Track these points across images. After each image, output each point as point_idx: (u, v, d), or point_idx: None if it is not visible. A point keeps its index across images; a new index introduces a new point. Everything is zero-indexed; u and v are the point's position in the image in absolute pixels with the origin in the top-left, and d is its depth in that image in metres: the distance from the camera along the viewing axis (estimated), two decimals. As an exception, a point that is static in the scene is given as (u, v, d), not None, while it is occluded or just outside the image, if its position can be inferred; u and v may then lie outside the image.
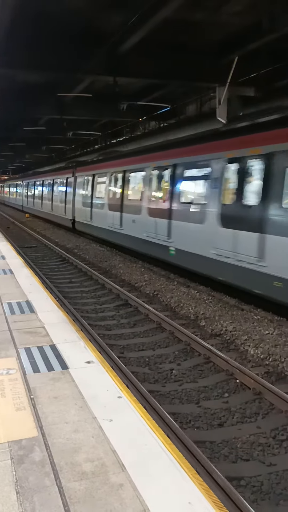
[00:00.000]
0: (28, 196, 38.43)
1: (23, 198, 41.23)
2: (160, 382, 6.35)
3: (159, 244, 12.91)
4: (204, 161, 11.08)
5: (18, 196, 45.57)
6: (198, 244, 10.80)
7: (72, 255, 16.41)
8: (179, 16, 10.02)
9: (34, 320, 5.87)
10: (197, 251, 10.80)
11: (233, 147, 9.82)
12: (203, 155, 11.26)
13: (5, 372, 4.19)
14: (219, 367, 6.69)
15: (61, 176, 26.43)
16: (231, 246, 9.39)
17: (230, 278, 9.81)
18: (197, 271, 11.22)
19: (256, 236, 8.65)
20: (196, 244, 10.92)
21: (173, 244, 12.16)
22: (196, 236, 10.97)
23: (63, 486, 2.63)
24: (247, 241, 8.92)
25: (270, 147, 8.58)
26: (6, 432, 3.21)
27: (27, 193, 39.22)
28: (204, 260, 10.49)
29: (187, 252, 11.37)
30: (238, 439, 4.92)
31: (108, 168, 18.27)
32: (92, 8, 10.02)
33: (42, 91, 17.10)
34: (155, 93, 17.45)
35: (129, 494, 2.56)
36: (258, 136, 9.14)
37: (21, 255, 13.53)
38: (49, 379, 4.08)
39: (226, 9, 9.89)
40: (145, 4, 9.44)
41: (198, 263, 10.88)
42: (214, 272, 10.30)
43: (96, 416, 3.41)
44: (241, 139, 9.70)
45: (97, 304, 10.30)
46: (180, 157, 12.49)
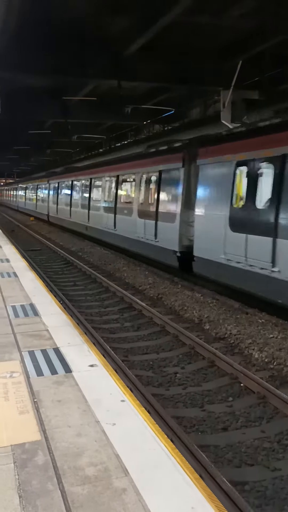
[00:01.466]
0: (61, 202, 28.35)
1: (51, 204, 31.94)
2: (164, 386, 6.33)
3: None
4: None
5: (41, 201, 37.08)
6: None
7: (77, 258, 16.42)
8: (183, 20, 10.05)
9: (38, 323, 5.87)
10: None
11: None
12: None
13: (9, 375, 4.19)
14: (223, 370, 6.66)
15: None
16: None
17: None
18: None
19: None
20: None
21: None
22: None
23: (66, 490, 2.62)
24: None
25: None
26: (9, 436, 3.20)
27: (58, 198, 29.33)
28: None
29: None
30: (242, 443, 4.89)
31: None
32: (97, 12, 10.06)
33: (47, 95, 17.19)
34: (160, 96, 17.49)
35: (132, 499, 2.54)
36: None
37: (26, 258, 13.57)
38: (53, 382, 4.07)
39: (231, 13, 9.91)
40: (150, 8, 9.48)
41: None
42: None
43: (99, 420, 3.40)
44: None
45: (101, 307, 10.30)
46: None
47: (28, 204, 44.25)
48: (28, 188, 44.43)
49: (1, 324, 5.81)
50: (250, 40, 11.45)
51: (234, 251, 9.53)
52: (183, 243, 11.90)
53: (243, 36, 11.37)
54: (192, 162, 11.79)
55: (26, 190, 45.85)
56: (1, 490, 2.63)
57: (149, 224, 13.74)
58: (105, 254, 17.60)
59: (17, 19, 9.46)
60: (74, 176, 25.29)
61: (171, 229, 12.32)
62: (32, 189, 41.26)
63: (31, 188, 42.45)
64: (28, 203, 44.39)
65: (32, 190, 41.69)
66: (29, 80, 14.88)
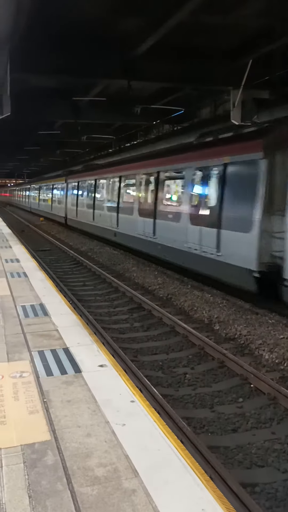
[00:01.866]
0: (82, 204, 24.89)
1: (69, 206, 28.25)
2: (174, 386, 6.32)
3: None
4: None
5: (57, 202, 33.49)
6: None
7: (86, 258, 16.45)
8: (193, 20, 10.00)
9: (47, 323, 5.88)
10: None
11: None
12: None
13: (19, 375, 4.20)
14: (233, 371, 6.63)
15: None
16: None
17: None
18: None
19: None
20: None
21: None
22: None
23: (75, 491, 2.61)
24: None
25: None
26: (19, 436, 3.20)
27: (78, 199, 25.81)
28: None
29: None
30: (252, 444, 4.87)
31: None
32: (106, 12, 10.06)
33: (57, 95, 17.22)
34: (169, 96, 17.44)
35: (141, 500, 2.53)
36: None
37: (35, 258, 13.60)
38: (62, 382, 4.07)
39: (241, 12, 9.84)
40: (160, 8, 9.45)
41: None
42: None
43: (109, 421, 3.39)
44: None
45: (110, 307, 10.30)
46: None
47: (42, 205, 40.54)
48: (42, 188, 40.81)
49: (11, 324, 5.82)
50: (260, 39, 11.37)
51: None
52: (264, 260, 9.06)
53: (253, 36, 11.29)
54: (279, 151, 9.26)
55: (40, 190, 42.18)
56: (11, 490, 2.63)
57: (208, 233, 10.76)
58: (115, 254, 17.60)
59: (27, 19, 9.47)
60: (98, 174, 22.09)
61: (245, 241, 9.40)
62: (47, 189, 37.69)
63: (45, 188, 38.87)
64: (42, 204, 40.65)
65: (46, 190, 37.99)
66: (39, 80, 14.91)
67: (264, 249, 9.12)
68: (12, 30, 8.46)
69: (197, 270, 11.66)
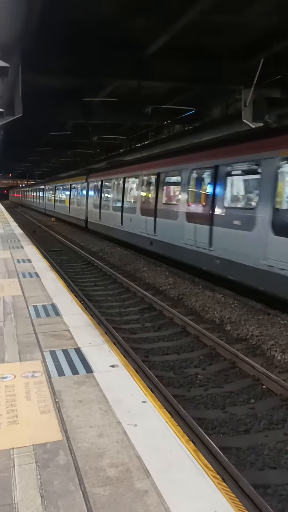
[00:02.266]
0: (107, 206, 21.54)
1: (91, 208, 24.79)
2: (185, 387, 6.30)
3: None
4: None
5: (76, 204, 29.47)
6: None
7: (97, 259, 16.48)
8: (204, 19, 9.99)
9: (59, 323, 5.89)
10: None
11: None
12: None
13: (31, 375, 4.21)
14: (245, 372, 6.59)
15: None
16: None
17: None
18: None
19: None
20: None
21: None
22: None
23: (87, 491, 2.61)
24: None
25: None
26: (31, 435, 3.21)
27: (102, 200, 22.49)
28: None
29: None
30: (264, 446, 4.83)
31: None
32: (117, 13, 10.07)
33: (68, 96, 17.28)
34: (180, 96, 17.42)
35: (154, 501, 2.52)
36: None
37: (47, 259, 13.67)
38: (74, 382, 4.07)
39: (252, 10, 9.80)
40: (170, 7, 9.45)
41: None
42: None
43: (120, 421, 3.39)
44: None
45: (121, 307, 10.31)
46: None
47: (58, 207, 36.87)
48: (58, 188, 37.05)
49: (23, 324, 5.85)
50: (271, 38, 11.31)
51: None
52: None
53: (264, 34, 11.24)
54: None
55: (56, 190, 38.47)
56: (24, 490, 2.64)
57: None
58: (126, 254, 17.61)
59: (38, 20, 9.53)
60: (128, 172, 18.53)
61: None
62: (64, 189, 34.12)
63: (62, 188, 35.18)
64: (58, 205, 36.95)
65: (63, 190, 34.52)
66: (49, 81, 14.98)
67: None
68: (23, 31, 8.51)
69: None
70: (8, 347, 4.98)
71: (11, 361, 4.57)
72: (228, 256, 10.33)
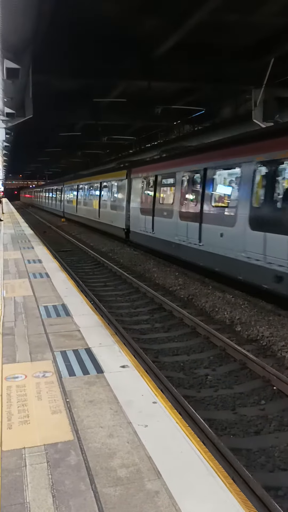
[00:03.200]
0: (161, 211, 15.56)
1: (134, 213, 18.51)
2: (195, 388, 6.29)
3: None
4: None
5: (109, 207, 23.13)
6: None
7: (107, 259, 16.52)
8: (213, 19, 9.99)
9: (69, 324, 5.92)
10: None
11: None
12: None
13: (42, 375, 4.24)
14: (255, 373, 6.56)
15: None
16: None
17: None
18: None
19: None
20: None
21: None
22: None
23: (98, 491, 2.62)
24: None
25: None
26: (42, 435, 3.23)
27: (156, 204, 16.07)
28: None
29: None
30: (275, 447, 4.80)
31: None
32: (126, 13, 10.11)
33: (78, 97, 17.38)
34: (190, 96, 17.43)
35: (165, 502, 2.52)
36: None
37: (57, 259, 13.72)
38: (84, 382, 4.09)
39: (262, 10, 9.79)
40: (179, 7, 9.45)
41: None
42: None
43: (131, 421, 3.39)
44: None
45: (131, 308, 10.31)
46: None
47: (83, 210, 30.17)
48: (83, 189, 30.47)
49: (34, 324, 5.88)
50: (282, 37, 11.27)
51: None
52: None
53: (274, 34, 11.21)
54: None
55: (79, 190, 31.92)
56: (35, 489, 2.65)
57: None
58: (135, 255, 17.63)
59: (48, 22, 9.59)
60: (213, 159, 11.81)
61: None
62: (92, 189, 27.72)
63: (89, 188, 28.72)
64: (83, 209, 30.24)
65: (91, 190, 28.00)
66: (60, 82, 15.07)
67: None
68: (33, 33, 8.57)
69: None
70: (19, 347, 5.01)
71: (22, 361, 4.60)
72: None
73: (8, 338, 5.29)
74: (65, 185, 38.74)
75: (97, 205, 25.69)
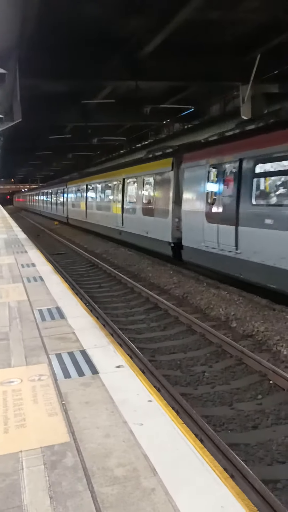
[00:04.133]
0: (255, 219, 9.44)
1: (188, 220, 12.94)
2: (192, 385, 6.31)
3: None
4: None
5: (130, 211, 18.47)
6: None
7: (101, 260, 16.53)
8: (198, 17, 10.02)
9: (64, 326, 5.92)
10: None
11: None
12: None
13: (37, 378, 4.25)
14: (251, 368, 6.60)
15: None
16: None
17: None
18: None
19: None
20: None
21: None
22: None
23: (95, 491, 2.64)
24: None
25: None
26: (38, 438, 3.24)
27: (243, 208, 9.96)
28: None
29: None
30: (273, 441, 4.84)
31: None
32: (109, 14, 10.12)
33: (66, 99, 17.37)
34: (178, 95, 17.46)
35: (161, 498, 2.54)
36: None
37: (51, 262, 13.72)
38: (80, 384, 4.10)
39: (243, 6, 9.84)
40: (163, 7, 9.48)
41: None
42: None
43: (127, 421, 3.41)
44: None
45: (127, 308, 10.33)
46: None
47: (97, 216, 23.88)
48: (96, 189, 24.47)
49: (28, 327, 5.88)
50: (267, 32, 11.32)
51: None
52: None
53: (259, 29, 11.26)
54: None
55: (88, 190, 26.24)
56: (33, 492, 2.66)
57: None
58: (130, 255, 17.64)
59: (34, 26, 9.58)
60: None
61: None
62: (108, 188, 22.06)
63: (104, 188, 22.86)
64: (97, 215, 23.92)
65: (107, 189, 22.15)
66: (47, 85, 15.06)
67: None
68: (19, 37, 8.56)
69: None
70: (14, 351, 5.01)
71: (17, 365, 4.60)
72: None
73: (2, 344, 5.29)
74: (69, 186, 32.52)
75: (118, 209, 19.53)
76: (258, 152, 9.46)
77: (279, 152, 8.74)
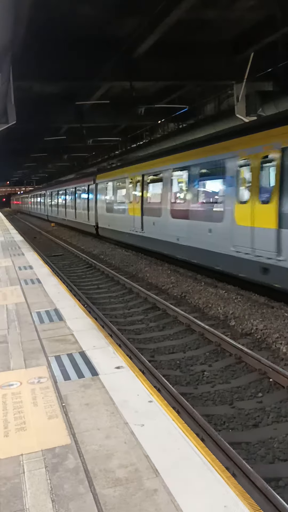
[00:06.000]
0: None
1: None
2: (192, 384, 6.31)
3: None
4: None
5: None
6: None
7: (99, 261, 16.50)
8: (191, 16, 10.02)
9: (63, 328, 5.91)
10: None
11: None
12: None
13: (37, 381, 4.23)
14: (251, 366, 6.59)
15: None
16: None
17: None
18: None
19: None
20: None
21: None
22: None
23: (97, 493, 2.62)
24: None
25: None
26: (39, 441, 3.23)
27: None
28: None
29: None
30: (274, 439, 4.83)
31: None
32: (103, 15, 10.11)
33: (60, 101, 17.35)
34: (172, 95, 17.47)
35: (164, 499, 2.53)
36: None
37: (48, 264, 13.68)
38: (80, 386, 4.09)
39: (239, 5, 9.84)
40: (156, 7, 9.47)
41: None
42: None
43: (127, 422, 3.40)
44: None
45: (125, 308, 10.32)
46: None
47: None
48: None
49: (27, 330, 5.86)
50: (260, 31, 11.33)
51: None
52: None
53: (253, 28, 11.27)
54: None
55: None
56: (35, 495, 2.65)
57: None
58: (127, 255, 17.63)
59: (27, 28, 9.56)
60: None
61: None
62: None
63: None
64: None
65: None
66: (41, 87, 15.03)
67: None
68: (12, 39, 8.53)
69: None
70: (13, 354, 4.99)
71: (16, 368, 4.58)
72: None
73: (1, 347, 5.27)
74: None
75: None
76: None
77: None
